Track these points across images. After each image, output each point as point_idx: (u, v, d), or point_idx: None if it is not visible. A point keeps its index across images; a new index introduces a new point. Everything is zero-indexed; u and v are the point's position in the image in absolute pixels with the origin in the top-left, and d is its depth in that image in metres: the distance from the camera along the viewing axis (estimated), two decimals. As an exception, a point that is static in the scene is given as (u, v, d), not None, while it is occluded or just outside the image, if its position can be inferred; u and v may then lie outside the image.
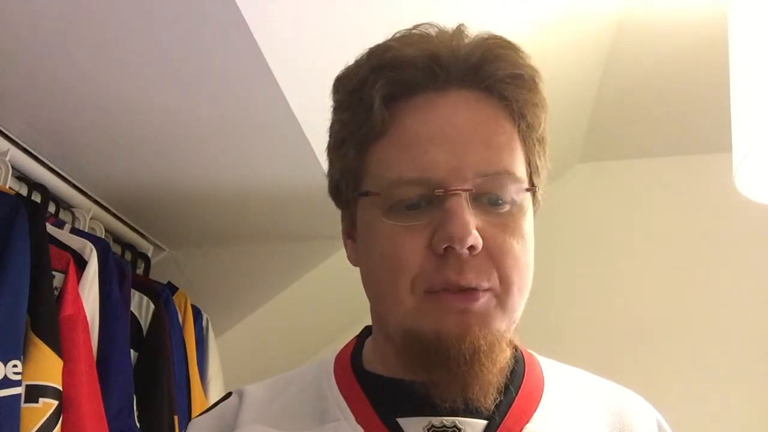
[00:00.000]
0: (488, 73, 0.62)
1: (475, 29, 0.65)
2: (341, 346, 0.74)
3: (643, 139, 2.13)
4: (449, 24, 0.66)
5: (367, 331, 0.73)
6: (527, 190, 0.63)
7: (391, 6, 1.23)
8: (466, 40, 0.63)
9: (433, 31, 0.64)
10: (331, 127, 0.68)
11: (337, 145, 0.67)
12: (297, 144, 1.38)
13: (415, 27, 0.65)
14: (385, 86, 0.62)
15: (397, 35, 0.65)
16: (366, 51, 0.65)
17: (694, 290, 2.08)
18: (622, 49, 1.70)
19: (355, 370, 0.68)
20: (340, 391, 0.66)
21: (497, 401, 0.61)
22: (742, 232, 2.06)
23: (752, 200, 1.42)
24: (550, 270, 2.07)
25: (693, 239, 2.12)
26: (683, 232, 2.13)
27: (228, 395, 0.73)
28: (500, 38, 0.64)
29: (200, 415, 0.73)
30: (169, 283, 1.73)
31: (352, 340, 0.74)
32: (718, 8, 1.52)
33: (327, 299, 1.99)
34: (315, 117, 1.32)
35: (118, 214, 1.72)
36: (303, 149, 1.40)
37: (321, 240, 1.81)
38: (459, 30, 0.64)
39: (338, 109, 0.67)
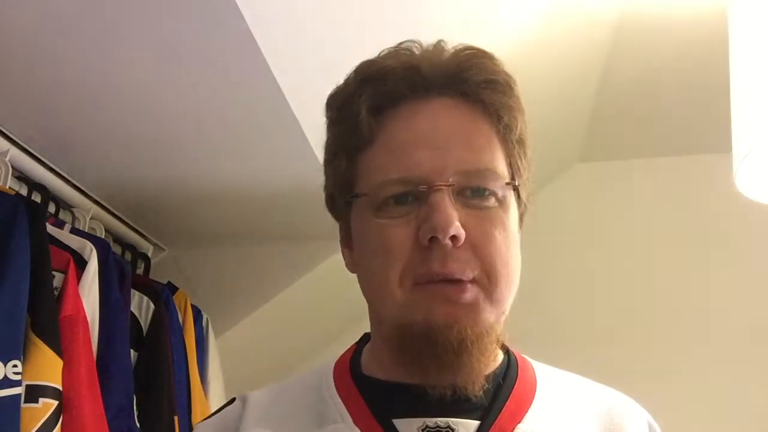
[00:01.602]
0: (464, 80, 0.67)
1: (456, 42, 0.69)
2: (341, 348, 0.76)
3: (643, 139, 2.13)
4: (449, 24, 0.68)
5: (365, 338, 0.75)
6: (508, 184, 0.66)
7: (391, 5, 1.23)
8: (445, 53, 0.68)
9: (415, 47, 0.69)
10: (326, 143, 0.73)
11: (330, 159, 0.71)
12: (297, 144, 1.38)
13: (399, 45, 0.69)
14: (371, 97, 0.66)
15: (383, 52, 0.69)
16: (353, 68, 0.70)
17: (694, 290, 2.08)
18: (622, 48, 1.70)
19: (353, 374, 0.71)
20: (339, 395, 0.69)
21: (484, 388, 0.64)
22: (742, 232, 2.05)
23: (752, 200, 1.41)
24: (550, 269, 2.09)
25: (693, 239, 2.12)
26: (683, 232, 2.13)
27: (232, 401, 0.75)
28: (476, 48, 0.68)
29: (205, 419, 0.75)
30: (169, 283, 1.73)
31: (351, 346, 0.76)
32: (718, 8, 1.52)
33: (327, 299, 1.99)
34: (315, 117, 1.32)
35: (118, 214, 1.72)
36: (303, 149, 1.40)
37: (321, 240, 1.81)
38: (439, 44, 0.69)
39: (330, 125, 0.72)
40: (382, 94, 0.66)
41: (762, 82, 1.28)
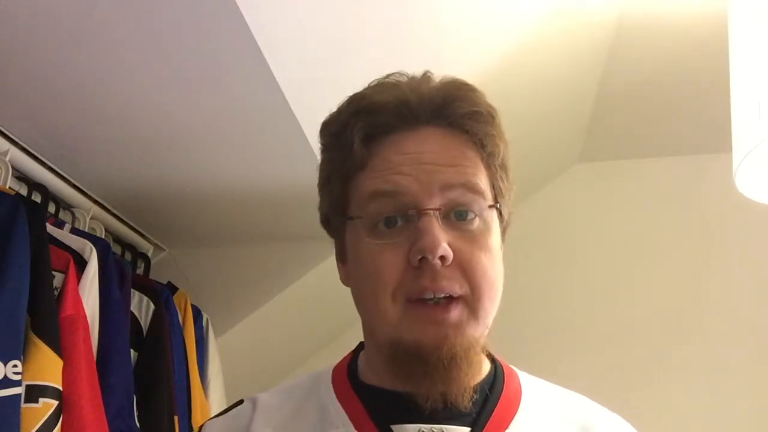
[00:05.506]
0: (450, 111, 0.72)
1: (440, 73, 0.74)
2: (341, 348, 0.81)
3: (643, 139, 2.13)
4: (448, 24, 0.68)
5: (361, 346, 0.79)
6: (491, 206, 0.71)
7: (391, 5, 1.23)
8: (432, 85, 0.73)
9: (403, 79, 0.74)
10: (320, 167, 0.77)
11: (325, 181, 0.76)
12: (297, 144, 1.38)
13: (388, 76, 0.74)
14: (363, 128, 0.71)
15: (373, 83, 0.74)
16: (346, 99, 0.75)
17: (693, 290, 2.08)
18: (622, 48, 1.70)
19: (351, 381, 0.75)
20: (339, 402, 0.73)
21: (473, 399, 0.69)
22: (742, 232, 2.06)
23: (752, 200, 1.41)
24: (549, 269, 2.09)
25: (693, 239, 2.12)
26: (683, 232, 2.13)
27: (240, 402, 0.78)
28: (460, 81, 0.74)
29: (214, 417, 0.78)
30: (169, 283, 1.73)
31: (348, 354, 0.80)
32: (718, 8, 1.52)
33: (327, 299, 1.98)
34: (315, 117, 1.32)
35: (118, 214, 1.72)
36: (303, 149, 1.40)
37: (321, 240, 1.79)
38: (425, 76, 0.74)
39: (325, 150, 0.76)
40: (374, 126, 0.71)
41: (762, 82, 1.28)
